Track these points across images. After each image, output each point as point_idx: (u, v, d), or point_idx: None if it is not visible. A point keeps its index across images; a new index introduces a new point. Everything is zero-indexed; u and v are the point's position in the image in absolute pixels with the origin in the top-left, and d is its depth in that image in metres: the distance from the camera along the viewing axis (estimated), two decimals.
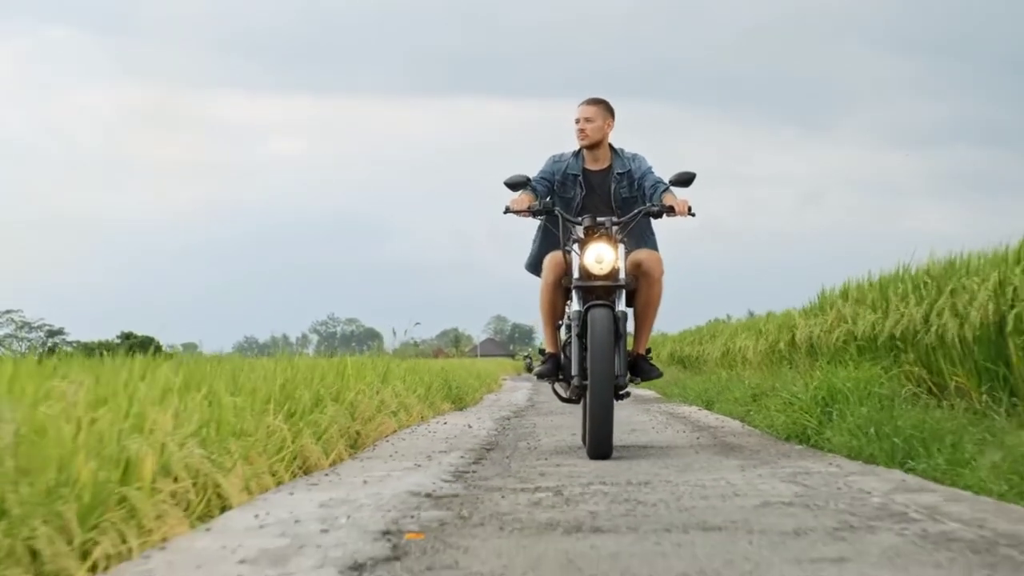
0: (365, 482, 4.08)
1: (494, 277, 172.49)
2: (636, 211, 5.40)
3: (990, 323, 5.15)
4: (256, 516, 3.18)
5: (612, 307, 5.03)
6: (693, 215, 5.36)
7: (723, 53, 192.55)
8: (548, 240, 5.60)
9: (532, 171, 5.64)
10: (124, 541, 2.57)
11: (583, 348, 5.05)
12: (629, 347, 5.35)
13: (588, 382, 4.88)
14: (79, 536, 2.43)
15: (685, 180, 5.37)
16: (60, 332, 60.58)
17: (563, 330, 5.52)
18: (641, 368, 5.45)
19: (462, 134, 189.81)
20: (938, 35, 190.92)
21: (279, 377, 5.13)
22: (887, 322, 6.53)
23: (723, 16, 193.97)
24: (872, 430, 4.84)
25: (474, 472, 4.47)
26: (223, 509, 3.28)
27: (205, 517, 3.15)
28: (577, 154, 5.65)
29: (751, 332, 12.39)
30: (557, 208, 5.38)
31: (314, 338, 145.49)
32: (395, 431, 6.67)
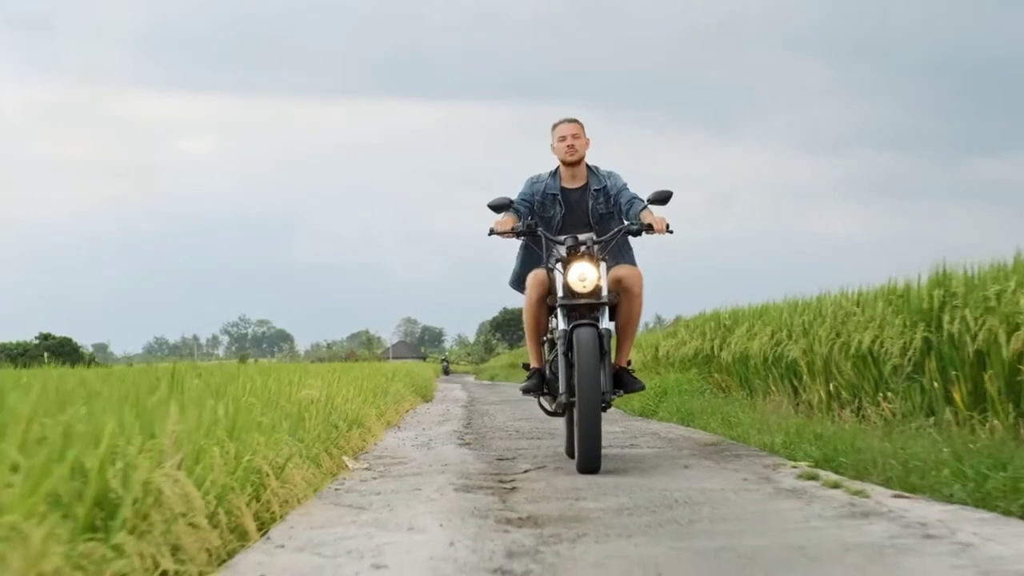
0: (424, 429, 8.27)
1: (402, 279, 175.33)
2: (616, 230, 5.60)
3: (746, 352, 9.53)
4: (398, 436, 7.32)
5: (597, 326, 5.20)
6: (671, 232, 5.56)
7: (636, 56, 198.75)
8: (530, 258, 5.85)
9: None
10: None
11: (569, 366, 5.24)
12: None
13: (576, 400, 5.02)
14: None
15: (662, 198, 5.54)
16: None
17: (546, 346, 5.76)
18: (624, 381, 5.62)
19: (371, 135, 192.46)
20: (847, 41, 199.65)
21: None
22: (702, 345, 10.96)
23: (636, 19, 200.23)
24: (680, 408, 9.15)
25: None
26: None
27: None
28: (554, 174, 5.89)
29: (635, 347, 16.81)
30: (540, 228, 5.62)
31: (224, 339, 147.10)
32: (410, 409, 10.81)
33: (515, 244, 5.95)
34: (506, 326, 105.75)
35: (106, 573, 2.13)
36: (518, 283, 5.95)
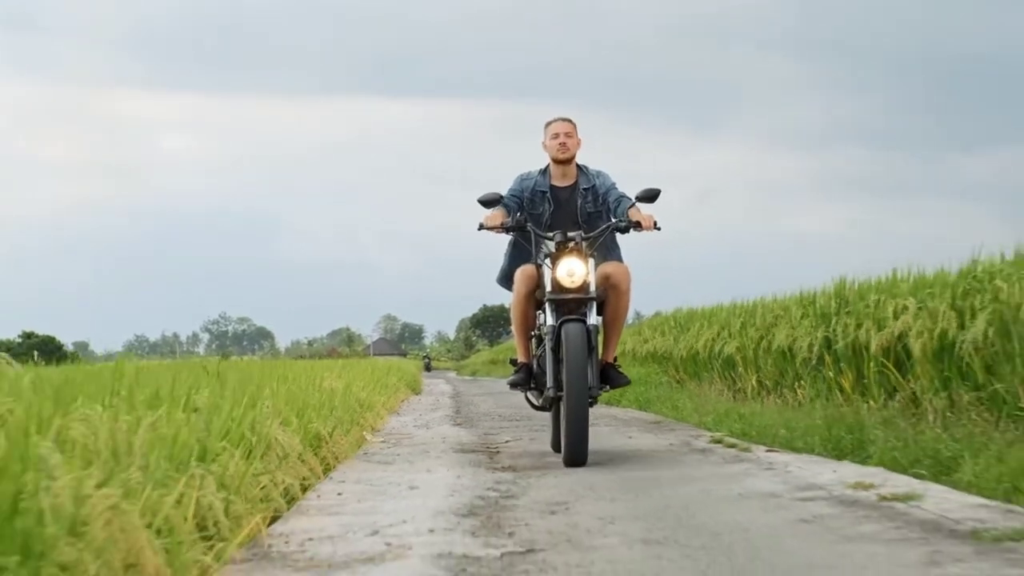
0: (420, 415, 9.88)
1: (381, 276, 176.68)
2: (605, 226, 5.69)
3: (694, 349, 11.19)
4: (400, 420, 8.91)
5: (584, 321, 5.29)
6: (659, 229, 5.64)
7: (612, 54, 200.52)
8: (519, 254, 5.87)
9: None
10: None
11: (557, 361, 5.31)
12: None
13: (564, 395, 5.11)
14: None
15: (650, 196, 5.63)
16: None
17: (534, 341, 5.83)
18: (610, 376, 5.69)
19: (352, 133, 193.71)
20: (826, 38, 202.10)
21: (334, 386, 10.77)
22: (661, 343, 12.62)
23: (616, 18, 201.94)
24: (639, 397, 10.78)
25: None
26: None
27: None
28: (544, 172, 5.94)
29: None
30: (529, 224, 5.68)
31: (205, 337, 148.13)
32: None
33: (502, 240, 6.01)
34: (486, 323, 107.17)
35: (264, 481, 3.72)
36: (506, 280, 5.99)
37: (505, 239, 6.01)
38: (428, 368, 54.54)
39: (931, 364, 6.05)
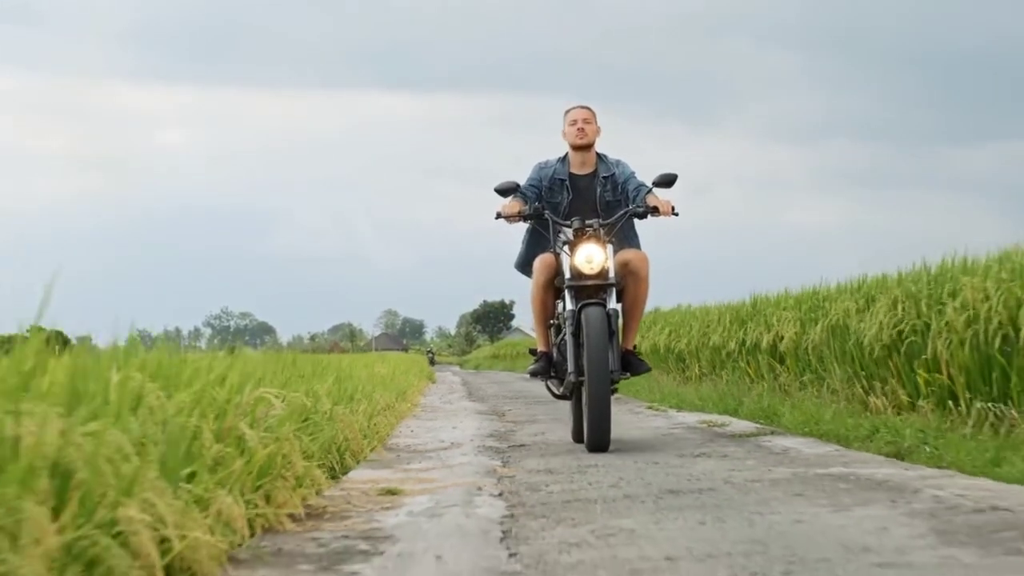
0: (441, 397, 13.08)
1: (381, 271, 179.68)
2: (622, 212, 5.75)
3: (656, 344, 14.38)
4: (427, 400, 12.11)
5: (604, 305, 5.35)
6: (677, 215, 5.72)
7: (609, 48, 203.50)
8: (536, 241, 5.97)
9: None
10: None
11: (578, 346, 5.39)
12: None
13: (585, 379, 5.19)
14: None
15: (667, 181, 5.73)
16: None
17: (552, 329, 5.88)
18: (631, 363, 5.75)
19: (350, 126, 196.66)
20: (822, 32, 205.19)
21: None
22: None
23: (611, 11, 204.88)
24: None
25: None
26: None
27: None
28: (563, 160, 6.02)
29: None
30: (547, 212, 5.77)
31: (207, 332, 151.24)
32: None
33: (514, 230, 6.05)
34: (486, 318, 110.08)
35: (378, 420, 6.93)
36: (524, 266, 6.09)
37: (522, 226, 6.13)
38: (432, 362, 57.69)
39: (791, 358, 9.25)
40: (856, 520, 3.02)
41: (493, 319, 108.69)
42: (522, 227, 6.15)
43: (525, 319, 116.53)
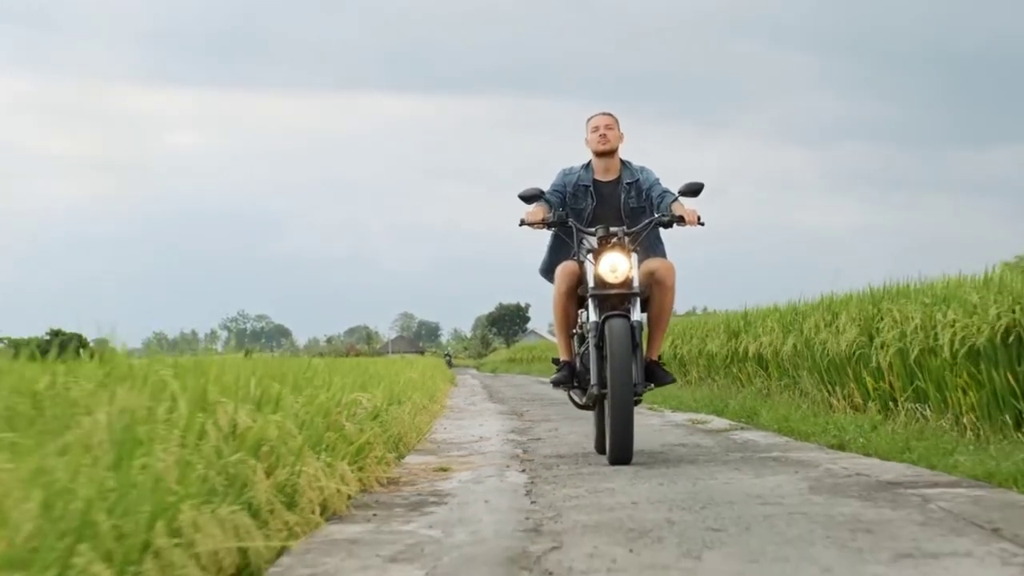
0: (464, 399, 14.57)
1: (396, 273, 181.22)
2: (647, 221, 5.79)
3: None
4: (453, 401, 13.60)
5: (629, 317, 5.36)
6: (703, 224, 5.77)
7: (619, 49, 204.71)
8: (561, 248, 6.02)
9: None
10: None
11: (601, 358, 5.41)
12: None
13: (608, 392, 5.22)
14: None
15: (694, 190, 5.75)
16: None
17: (575, 338, 5.94)
18: (655, 374, 5.77)
19: (363, 128, 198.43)
20: (834, 33, 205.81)
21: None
22: None
23: (624, 13, 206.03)
24: None
25: None
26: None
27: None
28: (587, 166, 6.08)
29: None
30: (571, 220, 5.81)
31: (223, 334, 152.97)
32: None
33: (541, 233, 6.09)
34: (502, 321, 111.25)
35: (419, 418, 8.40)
36: (548, 272, 6.11)
37: (547, 232, 6.14)
38: (450, 365, 59.23)
39: (773, 364, 10.69)
40: (764, 482, 4.49)
41: (509, 322, 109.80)
42: (547, 233, 6.16)
43: (541, 322, 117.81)
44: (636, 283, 5.57)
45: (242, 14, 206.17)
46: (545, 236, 6.20)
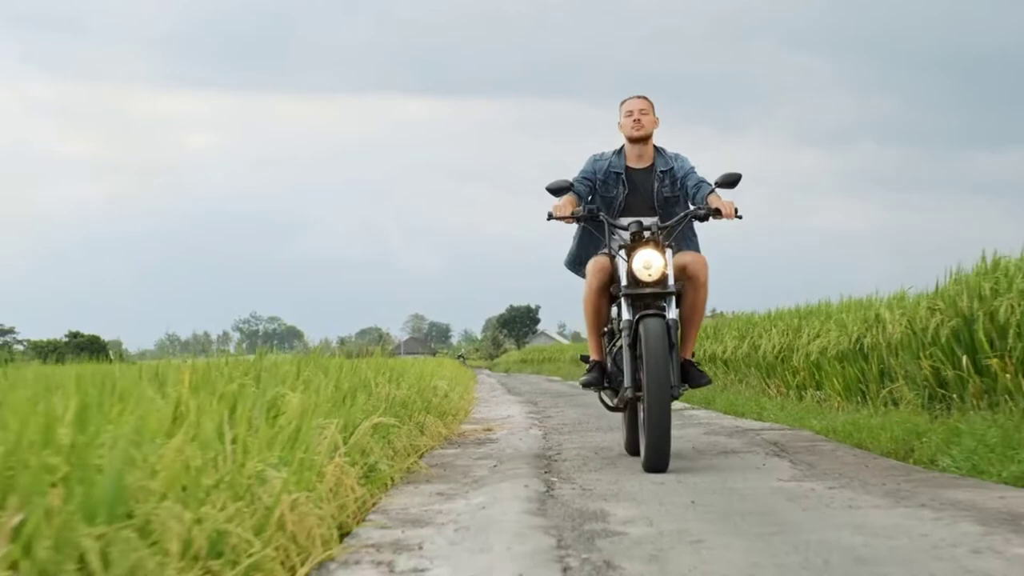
0: (486, 394, 17.81)
1: (407, 275, 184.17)
2: (683, 214, 5.61)
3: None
4: (478, 395, 16.82)
5: (664, 316, 5.15)
6: (740, 217, 5.52)
7: (636, 51, 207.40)
8: (589, 238, 5.86)
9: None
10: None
11: (635, 358, 5.23)
12: None
13: (644, 394, 5.03)
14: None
15: (731, 182, 5.52)
16: (11, 331, 68.57)
17: (605, 337, 5.78)
18: (690, 375, 5.62)
19: (376, 131, 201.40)
20: (850, 35, 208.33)
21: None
22: None
23: (636, 14, 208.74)
24: None
25: None
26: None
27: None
28: (619, 152, 5.89)
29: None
30: (602, 214, 5.63)
31: (236, 336, 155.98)
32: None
33: (562, 227, 5.94)
34: (512, 323, 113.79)
35: (462, 404, 11.60)
36: (574, 264, 6.01)
37: (574, 224, 5.96)
38: (464, 365, 62.32)
39: (731, 364, 13.86)
40: (682, 433, 7.67)
41: (519, 323, 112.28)
42: (574, 224, 5.99)
43: (551, 323, 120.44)
44: (671, 281, 5.39)
45: (261, 18, 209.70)
46: (571, 227, 6.07)
